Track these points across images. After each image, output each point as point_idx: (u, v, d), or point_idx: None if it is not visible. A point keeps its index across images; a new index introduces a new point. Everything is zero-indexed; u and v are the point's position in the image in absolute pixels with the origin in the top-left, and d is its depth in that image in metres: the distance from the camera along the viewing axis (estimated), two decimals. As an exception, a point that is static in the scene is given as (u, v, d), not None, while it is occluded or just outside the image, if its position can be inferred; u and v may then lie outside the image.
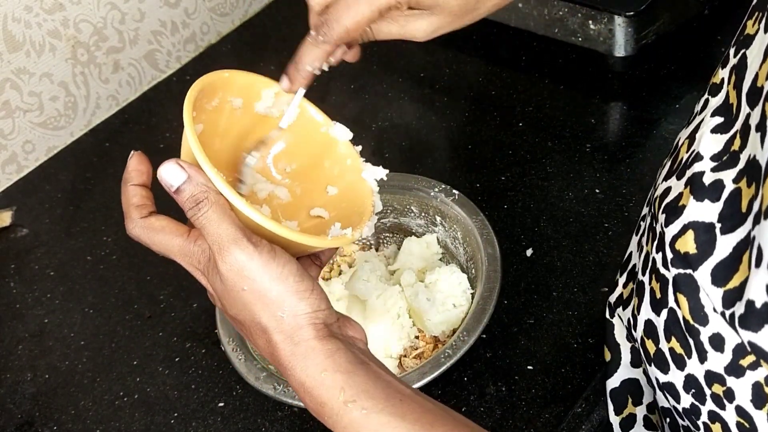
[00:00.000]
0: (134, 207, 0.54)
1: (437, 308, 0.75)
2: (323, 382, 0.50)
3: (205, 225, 0.50)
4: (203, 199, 0.50)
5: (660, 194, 0.55)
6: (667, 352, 0.54)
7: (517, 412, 0.69)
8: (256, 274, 0.49)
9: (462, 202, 0.78)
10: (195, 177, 0.51)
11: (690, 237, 0.49)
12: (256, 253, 0.49)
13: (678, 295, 0.51)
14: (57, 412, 0.79)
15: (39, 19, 0.99)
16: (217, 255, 0.50)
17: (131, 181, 0.55)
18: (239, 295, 0.50)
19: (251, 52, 1.17)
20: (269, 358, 0.52)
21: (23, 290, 0.91)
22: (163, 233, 0.53)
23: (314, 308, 0.51)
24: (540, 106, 0.97)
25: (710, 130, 0.52)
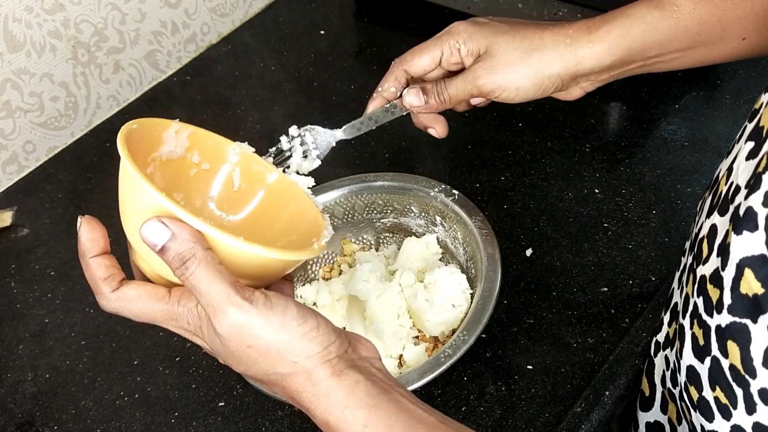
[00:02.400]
0: (101, 280, 0.52)
1: (436, 309, 0.75)
2: (346, 419, 0.49)
3: (195, 285, 0.48)
4: (190, 257, 0.48)
5: (707, 233, 0.53)
6: (712, 401, 0.52)
7: (516, 412, 0.69)
8: (258, 330, 0.48)
9: (462, 202, 0.78)
10: (179, 233, 0.48)
11: (750, 276, 0.46)
12: (254, 309, 0.48)
13: (729, 343, 0.49)
14: (57, 411, 0.79)
15: (39, 20, 0.99)
16: (213, 318, 0.48)
17: (89, 254, 0.52)
18: (245, 353, 0.49)
19: (251, 53, 1.17)
20: (291, 402, 0.52)
21: (24, 290, 0.91)
22: (141, 301, 0.51)
23: (324, 345, 0.50)
24: (540, 106, 0.97)
25: (745, 157, 0.51)
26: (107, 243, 0.53)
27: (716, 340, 0.50)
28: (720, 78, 0.95)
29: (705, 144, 0.88)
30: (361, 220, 0.85)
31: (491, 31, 0.67)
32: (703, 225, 0.55)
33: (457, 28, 0.68)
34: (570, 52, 0.65)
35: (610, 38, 0.65)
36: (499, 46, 0.66)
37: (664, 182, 0.85)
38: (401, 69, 0.70)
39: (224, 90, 1.11)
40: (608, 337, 0.73)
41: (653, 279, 0.77)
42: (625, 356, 0.72)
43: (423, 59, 0.69)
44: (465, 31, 0.67)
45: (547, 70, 0.66)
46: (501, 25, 0.68)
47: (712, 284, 0.50)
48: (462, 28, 0.68)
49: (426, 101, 0.69)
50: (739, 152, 0.52)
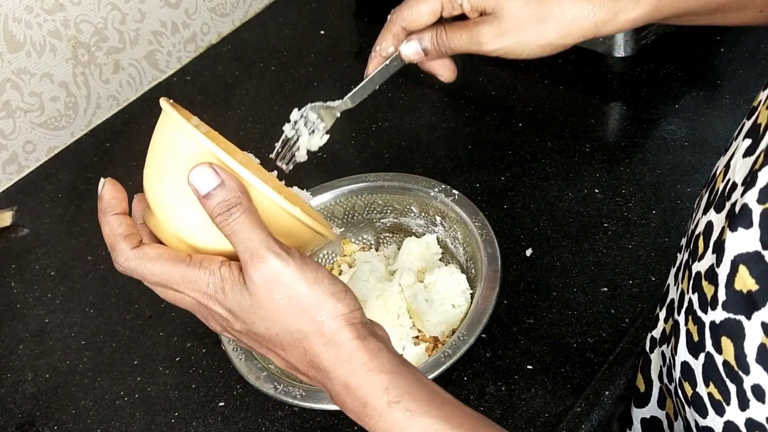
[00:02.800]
0: (122, 238, 0.52)
1: (436, 309, 0.75)
2: (368, 381, 0.49)
3: (237, 231, 0.48)
4: (236, 204, 0.48)
5: (703, 230, 0.53)
6: (706, 397, 0.52)
7: (516, 412, 0.69)
8: (292, 281, 0.48)
9: (462, 202, 0.78)
10: (228, 182, 0.49)
11: (745, 273, 0.46)
12: (291, 259, 0.48)
13: (723, 340, 0.49)
14: (57, 411, 0.79)
15: (39, 20, 0.99)
16: (250, 264, 0.48)
17: (113, 211, 0.53)
18: (274, 305, 0.49)
19: (251, 52, 1.17)
20: (304, 369, 0.51)
21: (24, 290, 0.91)
22: (161, 261, 0.51)
23: (351, 308, 0.50)
24: (540, 106, 0.97)
25: (742, 154, 0.51)
26: (127, 207, 0.54)
27: (710, 336, 0.50)
28: (720, 78, 0.95)
29: (705, 144, 0.88)
30: (361, 220, 0.85)
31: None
32: (699, 222, 0.55)
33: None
34: (591, 23, 0.62)
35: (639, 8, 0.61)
36: (508, 11, 0.62)
37: (664, 182, 0.85)
38: (399, 26, 0.65)
39: (224, 90, 1.11)
40: (608, 337, 0.73)
41: (653, 279, 0.77)
42: (625, 356, 0.72)
43: (422, 15, 0.64)
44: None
45: (560, 40, 0.63)
46: None
47: (707, 281, 0.50)
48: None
49: (426, 54, 0.65)
50: (736, 149, 0.52)
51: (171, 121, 0.51)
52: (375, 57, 0.67)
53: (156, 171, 0.53)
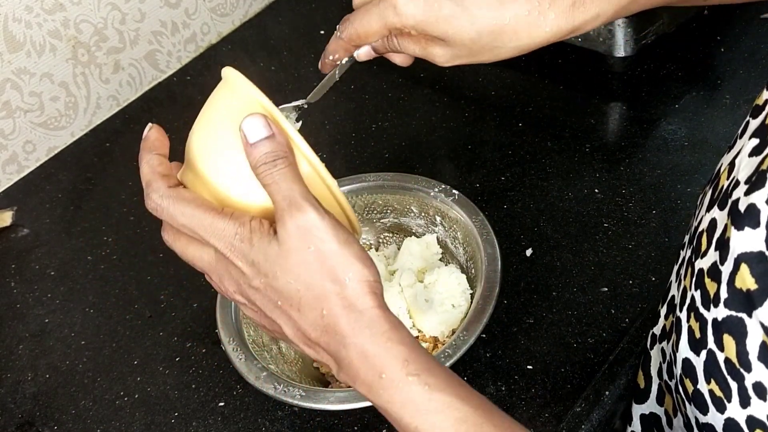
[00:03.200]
0: (160, 175, 0.52)
1: (436, 309, 0.75)
2: (388, 351, 0.48)
3: (279, 181, 0.49)
4: (283, 156, 0.49)
5: (706, 227, 0.53)
6: (707, 394, 0.52)
7: (516, 412, 0.69)
8: (325, 234, 0.48)
9: (462, 202, 0.78)
10: (278, 136, 0.50)
11: (745, 272, 0.46)
12: (327, 216, 0.49)
13: (725, 337, 0.49)
14: (57, 411, 0.79)
15: (39, 20, 0.99)
16: (287, 211, 0.48)
17: (154, 150, 0.53)
18: (302, 257, 0.49)
19: (251, 53, 1.17)
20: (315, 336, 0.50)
21: (24, 290, 0.91)
22: (194, 205, 0.51)
23: (375, 278, 0.50)
24: (540, 106, 0.97)
25: (748, 153, 0.50)
26: (168, 153, 0.54)
27: (712, 334, 0.50)
28: (720, 78, 0.95)
29: (705, 144, 0.88)
30: (361, 220, 0.85)
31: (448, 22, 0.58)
32: (703, 219, 0.54)
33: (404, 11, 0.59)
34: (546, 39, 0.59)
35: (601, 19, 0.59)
36: (459, 42, 0.59)
37: (664, 182, 0.85)
38: (349, 44, 0.64)
39: (224, 90, 1.11)
40: (608, 337, 0.73)
41: (653, 279, 0.77)
42: (625, 356, 0.72)
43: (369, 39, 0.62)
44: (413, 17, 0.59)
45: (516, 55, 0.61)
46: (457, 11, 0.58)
47: (710, 278, 0.50)
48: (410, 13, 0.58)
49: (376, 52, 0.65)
50: (742, 148, 0.52)
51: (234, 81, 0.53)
52: (329, 63, 0.67)
53: (207, 124, 0.54)
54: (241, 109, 0.52)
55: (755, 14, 1.01)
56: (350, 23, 0.62)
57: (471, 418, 0.48)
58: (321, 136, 1.01)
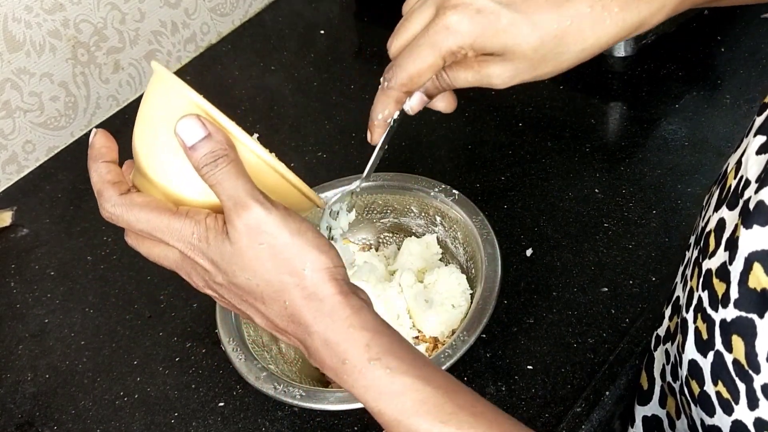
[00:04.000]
0: (110, 184, 0.52)
1: (436, 309, 0.75)
2: (349, 337, 0.48)
3: (222, 180, 0.48)
4: (223, 155, 0.49)
5: (714, 227, 0.52)
6: (714, 396, 0.51)
7: (517, 412, 0.69)
8: (275, 228, 0.48)
9: (462, 202, 0.78)
10: (215, 134, 0.49)
11: (759, 270, 0.45)
12: (274, 209, 0.49)
13: (734, 338, 0.48)
14: (57, 411, 0.79)
15: (39, 19, 0.99)
16: (234, 211, 0.48)
17: (102, 158, 0.53)
18: (256, 252, 0.48)
19: (251, 52, 1.17)
20: (283, 325, 0.50)
21: (24, 290, 0.91)
22: (148, 209, 0.50)
23: (335, 263, 0.49)
24: (540, 106, 0.97)
25: (755, 151, 0.50)
26: (117, 157, 0.54)
27: (720, 335, 0.50)
28: (720, 78, 0.95)
29: (705, 144, 0.88)
30: (361, 220, 0.85)
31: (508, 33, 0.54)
32: (711, 219, 0.54)
33: (458, 29, 0.54)
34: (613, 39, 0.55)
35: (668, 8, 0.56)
36: (521, 53, 0.55)
37: (664, 182, 0.85)
38: (401, 93, 0.59)
39: (224, 90, 1.11)
40: (608, 337, 0.73)
41: (653, 279, 0.76)
42: (626, 356, 0.72)
43: (422, 76, 0.57)
44: (470, 33, 0.54)
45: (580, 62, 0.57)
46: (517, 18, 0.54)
47: (718, 278, 0.50)
48: (465, 29, 0.54)
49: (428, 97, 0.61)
50: (748, 146, 0.52)
51: (163, 79, 0.51)
52: (379, 125, 0.61)
53: (146, 126, 0.53)
54: (175, 108, 0.50)
55: (755, 14, 1.01)
56: (399, 67, 0.57)
57: (432, 398, 0.48)
58: (321, 136, 1.01)
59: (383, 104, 0.60)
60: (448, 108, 0.62)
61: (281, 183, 0.52)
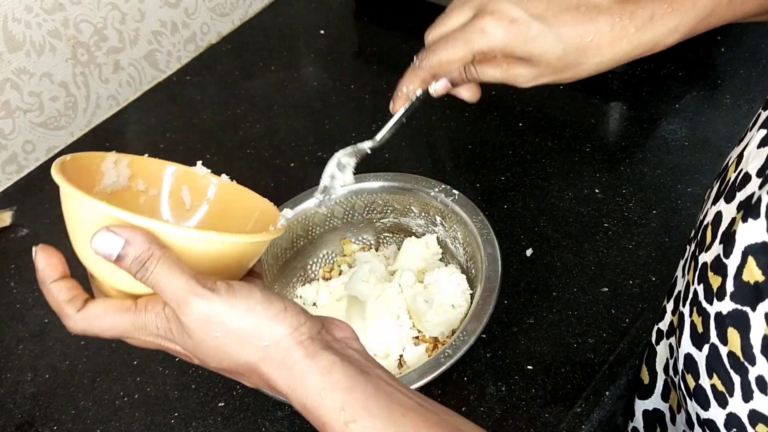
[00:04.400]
0: (66, 303, 0.52)
1: (435, 309, 0.75)
2: (323, 402, 0.48)
3: (156, 283, 0.48)
4: (148, 257, 0.47)
5: (711, 220, 0.53)
6: (709, 389, 0.52)
7: (517, 412, 0.69)
8: (223, 316, 0.48)
9: (462, 202, 0.78)
10: (132, 238, 0.48)
11: (752, 264, 0.46)
12: (216, 296, 0.48)
13: (729, 330, 0.49)
14: (57, 411, 0.79)
15: (39, 19, 0.99)
16: (178, 311, 0.48)
17: (49, 279, 0.52)
18: (214, 343, 0.48)
19: (251, 52, 1.17)
20: (269, 390, 0.51)
21: (23, 290, 0.91)
22: (108, 316, 0.50)
23: (294, 326, 0.49)
24: (540, 106, 0.97)
25: (756, 145, 0.50)
26: (66, 267, 0.53)
27: (715, 328, 0.50)
28: (720, 78, 0.95)
29: (705, 144, 0.88)
30: (361, 220, 0.85)
31: (536, 42, 0.59)
32: (708, 212, 0.54)
33: (492, 34, 0.60)
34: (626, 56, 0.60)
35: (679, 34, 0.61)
36: (545, 60, 0.60)
37: (664, 182, 0.85)
38: (429, 74, 0.64)
39: (224, 90, 1.11)
40: (608, 337, 0.73)
41: (653, 279, 0.76)
42: (626, 356, 0.72)
43: (452, 64, 0.62)
44: (503, 39, 0.60)
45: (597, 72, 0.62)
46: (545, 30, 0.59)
47: (713, 271, 0.50)
48: (499, 35, 0.60)
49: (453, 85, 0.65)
50: (751, 140, 0.52)
51: (65, 194, 0.50)
52: (401, 97, 0.66)
53: (73, 239, 0.53)
54: (89, 221, 0.50)
55: (756, 14, 1.01)
56: (432, 52, 0.62)
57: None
58: (321, 136, 1.01)
59: (410, 80, 0.65)
60: (473, 97, 0.67)
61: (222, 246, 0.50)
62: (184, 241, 0.49)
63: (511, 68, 0.62)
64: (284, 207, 0.81)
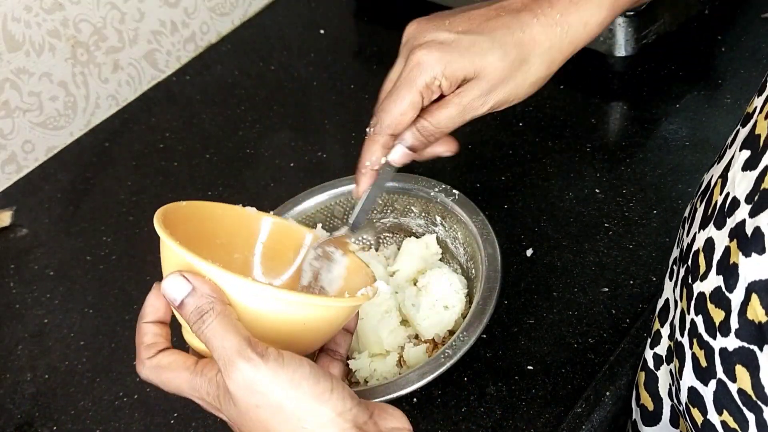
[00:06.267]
0: (144, 347, 0.52)
1: (425, 312, 0.74)
2: None
3: (210, 339, 0.47)
4: (208, 310, 0.47)
5: (702, 246, 0.51)
6: (719, 425, 0.50)
7: (517, 412, 0.69)
8: (266, 386, 0.46)
9: (462, 202, 0.78)
10: (200, 288, 0.48)
11: (756, 302, 0.44)
12: (262, 363, 0.46)
13: (737, 368, 0.46)
14: (57, 412, 0.79)
15: (39, 19, 0.99)
16: (224, 372, 0.47)
17: (144, 318, 0.53)
18: (255, 414, 0.47)
19: (251, 52, 1.17)
20: None
21: (23, 290, 0.91)
22: (170, 370, 0.50)
23: (338, 411, 0.47)
24: (540, 106, 0.97)
25: (741, 167, 0.48)
26: (167, 314, 0.53)
27: (721, 363, 0.48)
28: (721, 78, 0.95)
29: (706, 144, 0.88)
30: (361, 220, 0.85)
31: (473, 52, 0.58)
32: (697, 237, 0.52)
33: (427, 61, 0.58)
34: (567, 42, 0.60)
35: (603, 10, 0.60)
36: (490, 67, 0.59)
37: (665, 182, 0.85)
38: (386, 136, 0.61)
39: (224, 90, 1.11)
40: (609, 337, 0.73)
41: (654, 279, 0.76)
42: (626, 356, 0.71)
43: (404, 115, 0.59)
44: (439, 62, 0.58)
45: (548, 71, 0.61)
46: (477, 38, 0.59)
47: (714, 304, 0.48)
48: (434, 59, 0.58)
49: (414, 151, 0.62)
50: (733, 160, 0.50)
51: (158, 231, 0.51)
52: (366, 173, 0.62)
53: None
54: (172, 263, 0.51)
55: (755, 14, 1.01)
56: (382, 111, 0.60)
57: None
58: (321, 136, 1.01)
59: (370, 151, 0.61)
60: (449, 150, 0.65)
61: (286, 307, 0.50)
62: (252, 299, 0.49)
63: (462, 97, 0.60)
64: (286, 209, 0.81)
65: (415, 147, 0.62)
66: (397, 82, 0.59)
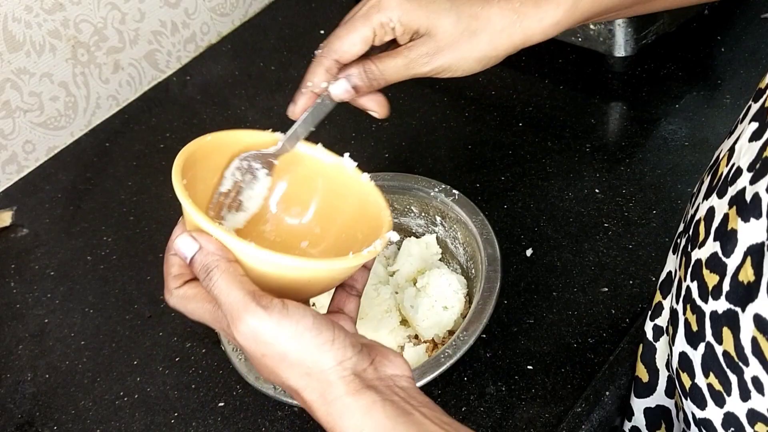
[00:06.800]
0: (171, 277, 0.54)
1: (424, 313, 0.74)
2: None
3: (217, 295, 0.50)
4: (213, 267, 0.50)
5: (704, 216, 0.52)
6: (705, 388, 0.51)
7: (517, 412, 0.69)
8: (270, 337, 0.48)
9: (462, 202, 0.78)
10: (206, 246, 0.51)
11: (748, 264, 0.46)
12: (266, 316, 0.48)
13: (724, 330, 0.48)
14: (57, 411, 0.79)
15: (39, 19, 0.99)
16: (232, 326, 0.49)
17: (171, 250, 0.54)
18: (261, 361, 0.49)
19: (251, 52, 1.17)
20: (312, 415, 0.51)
21: (23, 290, 0.91)
22: (195, 300, 0.53)
23: (339, 359, 0.49)
24: (540, 106, 0.97)
25: (748, 138, 0.50)
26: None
27: (710, 326, 0.50)
28: (720, 78, 0.95)
29: (705, 144, 0.88)
30: (361, 220, 0.85)
31: (430, 9, 0.60)
32: (700, 207, 0.54)
33: (387, 3, 0.60)
34: (519, 31, 0.62)
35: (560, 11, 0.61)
36: (442, 28, 0.60)
37: (664, 182, 0.85)
38: (331, 59, 0.62)
39: (224, 90, 1.11)
40: (608, 337, 0.73)
41: (653, 279, 0.76)
42: (626, 356, 0.72)
43: (354, 45, 0.61)
44: (398, 6, 0.59)
45: (494, 51, 0.62)
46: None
47: (709, 269, 0.50)
48: (394, 3, 0.60)
49: (356, 91, 0.62)
50: (742, 133, 0.51)
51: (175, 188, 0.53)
52: (305, 93, 0.63)
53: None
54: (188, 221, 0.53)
55: (755, 14, 1.01)
56: (333, 35, 0.62)
57: None
58: (321, 136, 1.01)
59: (313, 72, 0.62)
60: (380, 109, 0.65)
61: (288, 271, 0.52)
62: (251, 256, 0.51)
63: (410, 51, 0.61)
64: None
65: (357, 87, 0.62)
66: (355, 14, 0.61)
